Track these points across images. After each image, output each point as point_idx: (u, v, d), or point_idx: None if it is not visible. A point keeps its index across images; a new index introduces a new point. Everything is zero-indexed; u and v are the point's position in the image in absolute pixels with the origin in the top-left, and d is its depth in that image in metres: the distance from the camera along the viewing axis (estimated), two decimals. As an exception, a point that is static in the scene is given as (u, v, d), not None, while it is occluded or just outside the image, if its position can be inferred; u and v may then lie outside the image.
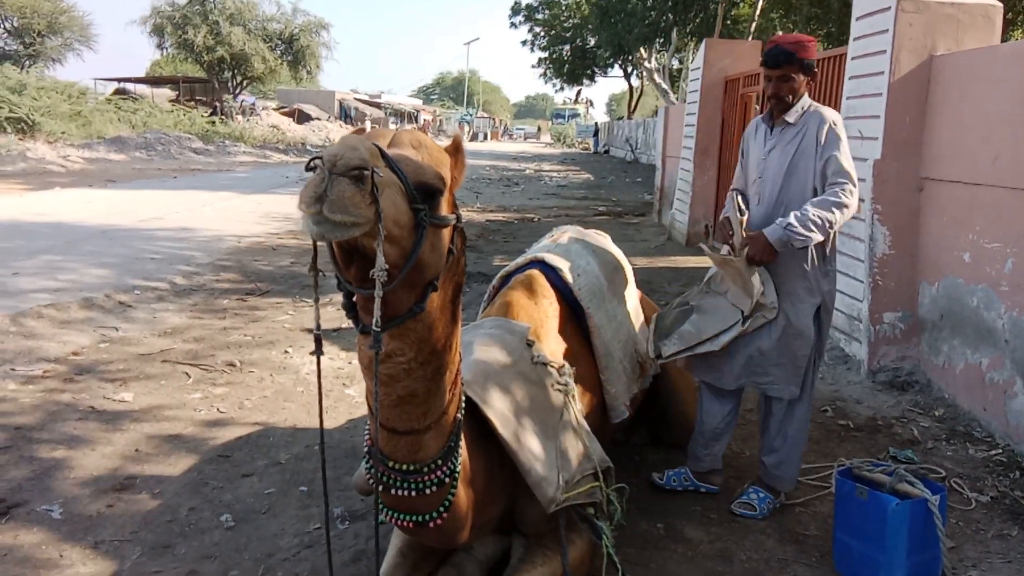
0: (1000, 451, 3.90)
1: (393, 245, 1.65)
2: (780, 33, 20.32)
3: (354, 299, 1.83)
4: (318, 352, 1.82)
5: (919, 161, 4.87)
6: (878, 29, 4.99)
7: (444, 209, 1.82)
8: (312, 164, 1.57)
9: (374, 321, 1.67)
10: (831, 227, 3.00)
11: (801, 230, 2.95)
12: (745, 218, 3.16)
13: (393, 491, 2.05)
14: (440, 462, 2.06)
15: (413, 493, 2.03)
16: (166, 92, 38.87)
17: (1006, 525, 3.23)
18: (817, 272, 3.16)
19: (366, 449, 2.11)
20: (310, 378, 4.81)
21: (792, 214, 3.00)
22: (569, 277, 3.11)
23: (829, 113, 3.14)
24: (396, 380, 1.88)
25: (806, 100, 3.17)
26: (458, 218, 1.89)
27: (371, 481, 2.09)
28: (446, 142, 2.00)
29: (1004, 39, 7.91)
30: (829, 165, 3.05)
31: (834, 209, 2.97)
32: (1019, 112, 4.05)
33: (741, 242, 3.09)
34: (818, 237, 2.99)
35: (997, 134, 4.22)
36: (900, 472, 2.75)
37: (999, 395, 4.05)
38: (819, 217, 2.96)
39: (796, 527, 3.18)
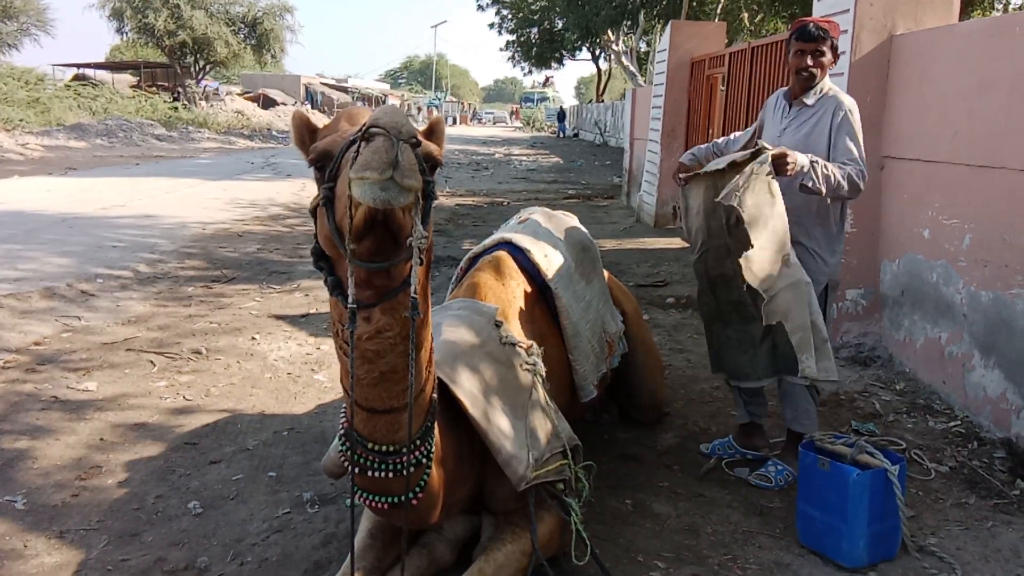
0: (959, 422, 3.99)
1: (415, 215, 1.69)
2: (745, 15, 20.41)
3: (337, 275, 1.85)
4: (352, 326, 1.81)
5: (880, 140, 4.94)
6: (839, 9, 5.04)
7: None
8: (371, 133, 1.58)
9: (412, 288, 1.73)
10: (835, 190, 3.07)
11: (820, 171, 3.01)
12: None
13: (370, 473, 2.04)
14: (418, 442, 2.06)
15: (391, 474, 2.03)
16: (127, 78, 38.05)
17: (964, 494, 3.32)
18: (824, 249, 3.24)
19: (342, 432, 2.10)
20: (278, 364, 4.78)
21: (819, 159, 3.04)
22: (537, 258, 3.12)
23: (846, 99, 3.19)
24: (381, 356, 1.88)
25: (827, 82, 3.25)
26: None
27: (346, 464, 2.08)
28: (419, 126, 2.00)
29: (965, 19, 8.02)
30: (837, 148, 3.11)
31: (844, 179, 3.05)
32: (976, 90, 4.12)
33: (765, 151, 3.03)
34: (822, 188, 3.05)
35: (955, 112, 4.29)
36: (860, 443, 2.81)
37: (958, 368, 4.15)
38: (833, 176, 3.03)
39: (761, 500, 3.23)
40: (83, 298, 6.14)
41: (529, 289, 3.05)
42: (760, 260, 3.01)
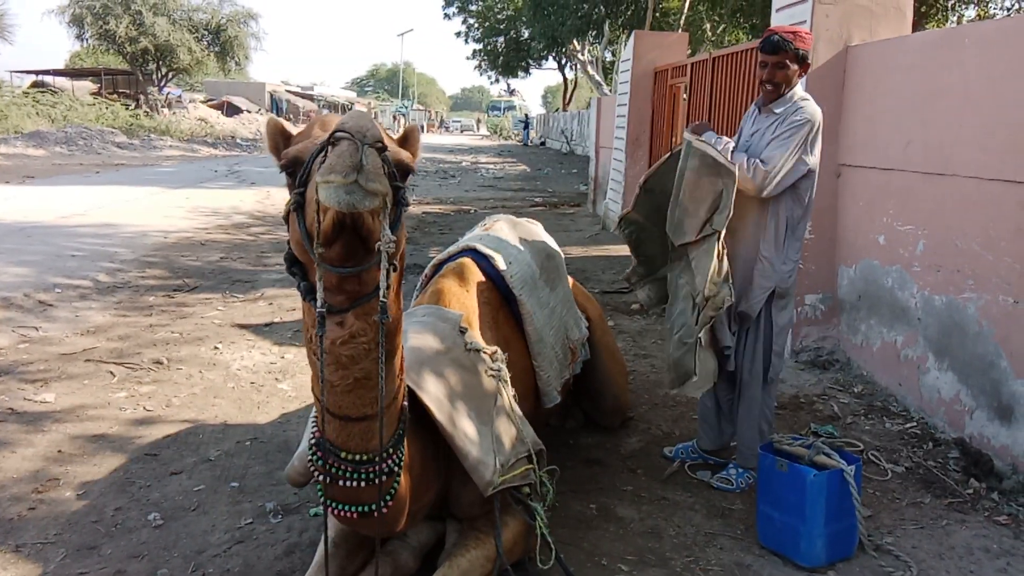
0: (915, 424, 4.09)
1: (383, 219, 1.69)
2: (707, 26, 20.69)
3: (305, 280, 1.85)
4: (320, 331, 1.79)
5: (837, 148, 5.04)
6: (797, 20, 5.14)
7: None
8: (336, 137, 1.60)
9: (381, 293, 1.73)
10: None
11: (722, 146, 3.21)
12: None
13: (342, 483, 2.03)
14: (391, 450, 2.06)
15: (363, 484, 2.02)
16: (87, 85, 37.32)
17: (919, 494, 3.40)
18: (773, 255, 3.26)
19: (313, 442, 2.07)
20: (241, 374, 4.73)
21: (731, 145, 3.26)
22: (501, 265, 3.14)
23: (807, 110, 3.17)
24: (355, 362, 1.87)
25: (798, 90, 3.24)
26: None
27: (317, 474, 2.06)
28: (394, 134, 2.00)
29: (920, 31, 8.19)
30: (769, 147, 3.15)
31: (736, 164, 3.11)
32: (928, 99, 4.24)
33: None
34: (716, 150, 3.17)
35: (908, 121, 4.41)
36: (818, 445, 2.86)
37: (913, 371, 4.25)
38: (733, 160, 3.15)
39: (723, 502, 3.28)
40: (41, 308, 6.02)
41: (493, 296, 3.07)
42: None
